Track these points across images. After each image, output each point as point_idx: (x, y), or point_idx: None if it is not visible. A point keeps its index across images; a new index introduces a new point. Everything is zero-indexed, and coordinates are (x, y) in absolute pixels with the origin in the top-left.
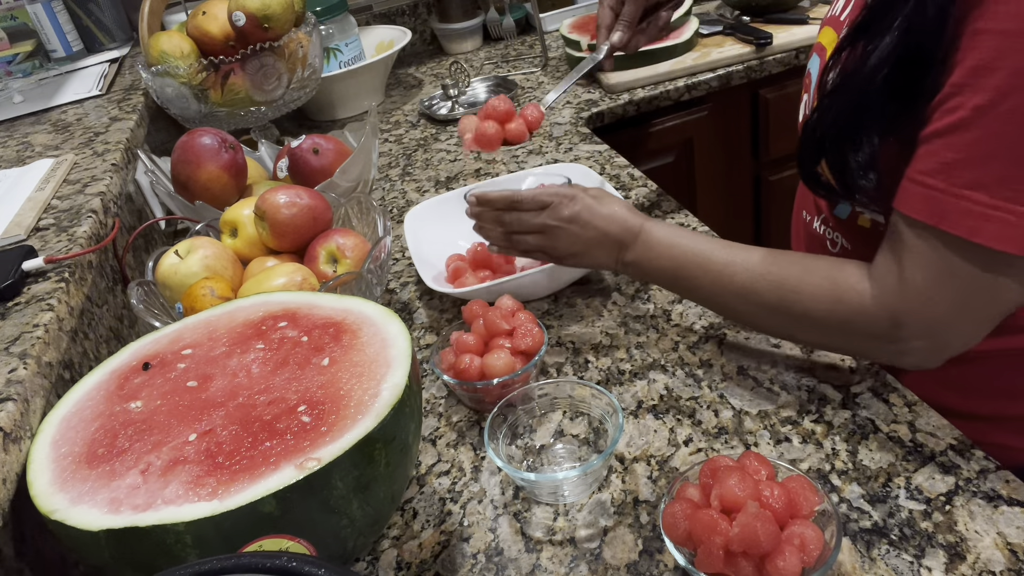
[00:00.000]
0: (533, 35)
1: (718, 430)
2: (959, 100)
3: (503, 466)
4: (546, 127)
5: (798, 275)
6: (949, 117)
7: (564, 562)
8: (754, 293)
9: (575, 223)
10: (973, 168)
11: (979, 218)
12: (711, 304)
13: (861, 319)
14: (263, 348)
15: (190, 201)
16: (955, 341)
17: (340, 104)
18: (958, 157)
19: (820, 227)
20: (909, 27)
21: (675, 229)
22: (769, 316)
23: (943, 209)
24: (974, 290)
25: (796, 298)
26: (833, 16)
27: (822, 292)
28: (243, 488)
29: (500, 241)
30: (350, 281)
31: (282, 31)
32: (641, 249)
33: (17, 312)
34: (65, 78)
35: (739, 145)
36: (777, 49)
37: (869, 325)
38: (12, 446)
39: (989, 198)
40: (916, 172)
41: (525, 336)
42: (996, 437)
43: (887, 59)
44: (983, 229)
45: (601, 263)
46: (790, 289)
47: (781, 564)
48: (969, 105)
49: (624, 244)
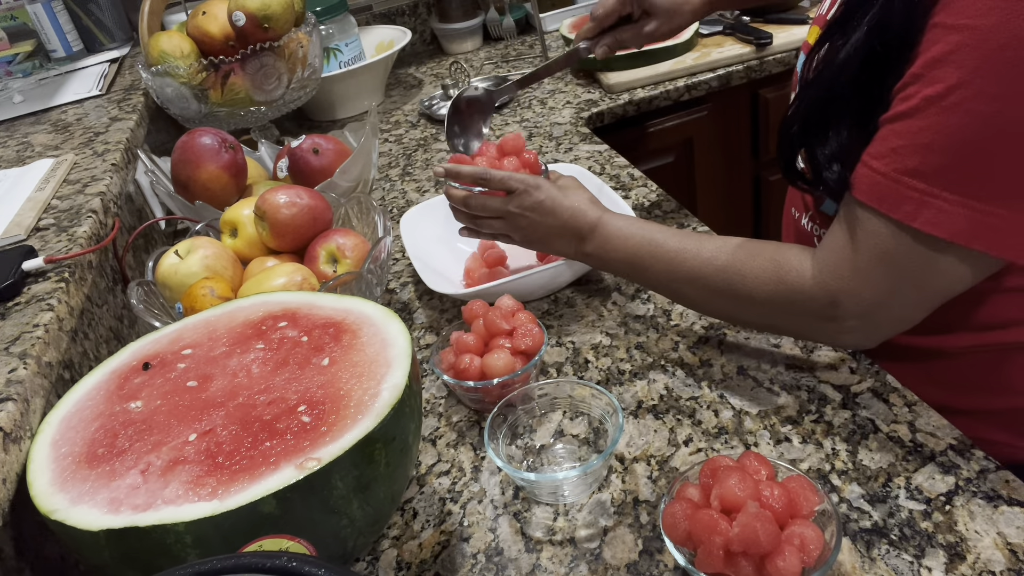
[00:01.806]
0: (533, 35)
1: (718, 430)
2: (913, 89)
3: (503, 466)
4: (546, 127)
5: (743, 258)
6: (901, 105)
7: (564, 562)
8: (702, 278)
9: (536, 212)
10: (915, 155)
11: (916, 204)
12: (664, 290)
13: (800, 298)
14: (263, 348)
15: (190, 201)
16: (888, 323)
17: (340, 104)
18: (903, 144)
19: (808, 224)
20: (878, 22)
21: (631, 220)
22: (716, 299)
23: (884, 193)
24: (908, 274)
25: (740, 280)
26: (820, 15)
27: (765, 274)
28: (243, 488)
29: (465, 222)
30: (350, 281)
31: (282, 31)
32: (599, 240)
33: (17, 312)
34: (65, 78)
35: (739, 145)
36: (777, 49)
37: (807, 305)
38: (12, 446)
39: (926, 185)
40: (867, 155)
41: (525, 336)
42: (980, 432)
43: (856, 54)
44: (919, 215)
45: (562, 252)
46: (735, 272)
47: (781, 564)
48: (920, 95)
49: (582, 236)
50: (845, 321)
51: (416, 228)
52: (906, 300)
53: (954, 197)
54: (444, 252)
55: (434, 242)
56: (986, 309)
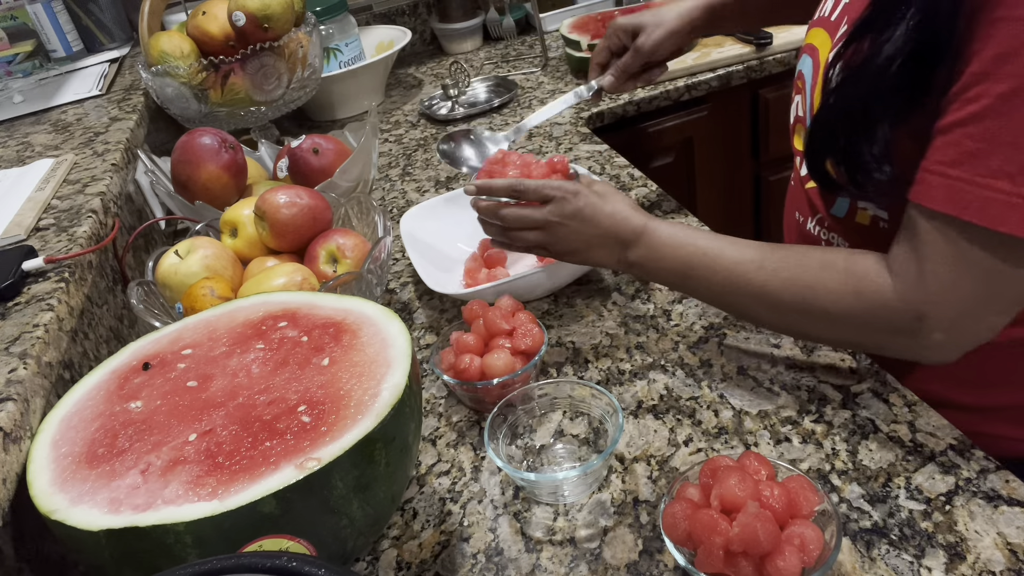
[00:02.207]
0: (533, 35)
1: (718, 430)
2: (981, 89)
3: (503, 466)
4: (546, 127)
5: (814, 271)
6: (971, 106)
7: (564, 562)
8: (769, 293)
9: (577, 219)
10: (996, 156)
11: (1003, 206)
12: (721, 304)
13: (883, 313)
14: (263, 348)
15: (190, 201)
16: (974, 334)
17: (340, 104)
18: (980, 146)
19: (815, 228)
20: (922, 19)
21: (680, 228)
22: (785, 315)
23: (965, 199)
24: (997, 280)
25: (813, 295)
26: (823, 17)
27: (841, 288)
28: (243, 488)
29: (498, 236)
30: (350, 281)
31: (282, 31)
32: (644, 250)
33: (17, 312)
34: (65, 78)
35: (739, 145)
36: (777, 49)
37: (891, 319)
38: (12, 446)
39: (1013, 186)
40: (935, 163)
41: (525, 336)
42: (985, 427)
43: (900, 50)
44: (1007, 217)
45: (603, 262)
46: (805, 285)
47: (781, 564)
48: (992, 93)
49: (627, 243)
50: (931, 335)
51: (416, 228)
52: (995, 307)
53: None
54: (444, 252)
55: (434, 242)
56: None
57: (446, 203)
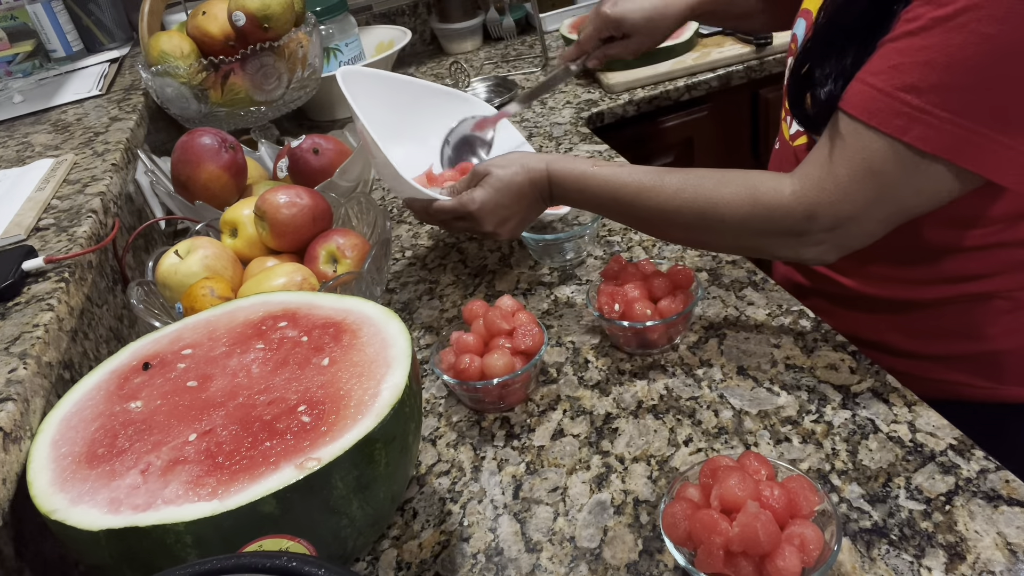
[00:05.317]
0: (533, 35)
1: (718, 430)
2: (921, 10)
3: (526, 234)
4: (546, 127)
5: (712, 186)
6: (907, 25)
7: (564, 562)
8: (672, 212)
9: (494, 199)
10: (913, 72)
11: (908, 119)
12: (632, 225)
13: (777, 214)
14: (263, 348)
15: (190, 201)
16: (856, 237)
17: (340, 104)
18: (903, 61)
19: None
20: None
21: (579, 163)
22: (689, 232)
23: (878, 107)
24: (889, 188)
25: (713, 209)
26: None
27: (738, 198)
28: (243, 488)
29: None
30: (350, 281)
31: (282, 31)
32: (558, 192)
33: (17, 312)
34: (65, 78)
35: (739, 145)
36: (777, 49)
37: (783, 219)
38: (12, 446)
39: (921, 101)
40: (864, 72)
41: (525, 336)
42: (946, 375)
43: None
44: (909, 129)
45: (536, 214)
46: (705, 200)
47: (781, 564)
48: (928, 16)
49: (543, 190)
50: (815, 234)
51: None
52: (879, 215)
53: (946, 115)
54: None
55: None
56: (954, 264)
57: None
